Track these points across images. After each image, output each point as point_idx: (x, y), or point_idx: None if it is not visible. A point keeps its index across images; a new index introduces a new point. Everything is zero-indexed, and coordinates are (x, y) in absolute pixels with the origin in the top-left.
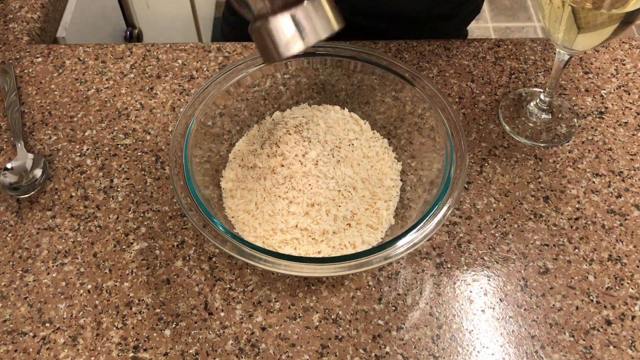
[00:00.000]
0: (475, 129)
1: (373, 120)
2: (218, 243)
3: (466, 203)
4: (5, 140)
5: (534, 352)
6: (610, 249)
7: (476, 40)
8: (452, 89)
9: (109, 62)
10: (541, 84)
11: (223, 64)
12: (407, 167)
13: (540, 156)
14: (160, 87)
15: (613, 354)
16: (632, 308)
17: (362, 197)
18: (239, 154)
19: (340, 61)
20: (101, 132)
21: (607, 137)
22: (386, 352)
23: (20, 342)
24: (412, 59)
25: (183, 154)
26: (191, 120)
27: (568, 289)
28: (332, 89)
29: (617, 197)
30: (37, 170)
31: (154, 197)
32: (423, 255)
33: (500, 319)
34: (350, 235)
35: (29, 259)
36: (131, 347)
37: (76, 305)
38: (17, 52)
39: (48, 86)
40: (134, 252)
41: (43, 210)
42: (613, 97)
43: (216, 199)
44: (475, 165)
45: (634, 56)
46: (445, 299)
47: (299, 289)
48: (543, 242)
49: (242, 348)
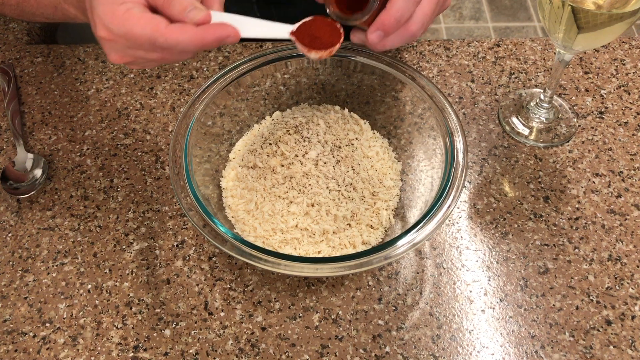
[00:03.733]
0: (475, 129)
1: (373, 120)
2: (218, 243)
3: (466, 203)
4: (5, 140)
5: (534, 352)
6: (610, 249)
7: (476, 40)
8: (452, 89)
9: (109, 62)
10: (541, 84)
11: (223, 64)
12: (407, 167)
13: (540, 156)
14: (160, 87)
15: (613, 354)
16: (632, 308)
17: (362, 197)
18: (239, 154)
19: (340, 61)
20: (101, 132)
21: (607, 137)
22: (386, 352)
23: (20, 342)
24: (412, 59)
25: (183, 154)
26: (191, 120)
27: (568, 289)
28: (332, 89)
29: (617, 197)
30: (37, 170)
31: (154, 197)
32: (423, 255)
33: (500, 319)
34: (350, 235)
35: (29, 259)
36: (131, 347)
37: (76, 305)
38: (17, 52)
39: (48, 86)
40: (134, 252)
41: (43, 210)
42: (613, 97)
43: (216, 199)
44: (475, 165)
45: (634, 56)
46: (445, 299)
47: (299, 289)
48: (543, 242)
49: (242, 348)
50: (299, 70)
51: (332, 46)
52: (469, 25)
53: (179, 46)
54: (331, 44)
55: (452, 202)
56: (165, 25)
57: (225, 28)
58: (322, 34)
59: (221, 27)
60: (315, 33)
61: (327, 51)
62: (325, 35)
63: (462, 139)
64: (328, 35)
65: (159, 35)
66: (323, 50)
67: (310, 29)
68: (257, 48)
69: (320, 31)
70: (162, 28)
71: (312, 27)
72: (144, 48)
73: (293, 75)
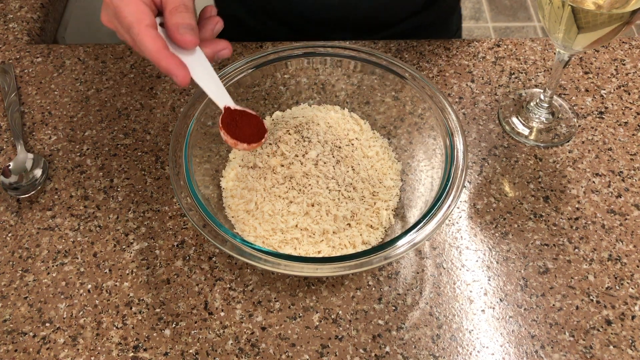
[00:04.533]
0: (475, 129)
1: (373, 120)
2: (218, 243)
3: (466, 203)
4: (5, 140)
5: (534, 352)
6: (610, 249)
7: (476, 40)
8: (452, 89)
9: (109, 62)
10: (541, 84)
11: (223, 64)
12: (407, 167)
13: (540, 156)
14: (160, 87)
15: (613, 354)
16: (632, 308)
17: (362, 197)
18: (239, 154)
19: (340, 61)
20: (101, 132)
21: (607, 137)
22: (386, 352)
23: (20, 342)
24: (412, 59)
25: (183, 154)
26: (191, 120)
27: (568, 289)
28: (332, 89)
29: (617, 197)
30: (37, 170)
31: (154, 197)
32: (423, 255)
33: (500, 318)
34: (350, 235)
35: (29, 259)
36: (131, 347)
37: (76, 305)
38: (17, 52)
39: (48, 86)
40: (134, 252)
41: (43, 210)
42: (613, 97)
43: (216, 199)
44: (475, 165)
45: (634, 56)
46: (445, 299)
47: (299, 288)
48: (543, 242)
49: (242, 348)
50: (299, 70)
51: (254, 142)
52: (468, 25)
53: (142, 47)
54: (254, 140)
55: (452, 202)
56: (146, 25)
57: (180, 67)
58: (249, 128)
59: (177, 65)
60: (243, 123)
61: (249, 145)
62: (251, 129)
63: (462, 139)
64: (254, 130)
65: (135, 28)
66: (245, 143)
67: (241, 118)
68: (257, 48)
69: (247, 124)
70: (142, 25)
71: (242, 117)
72: (123, 27)
73: (293, 75)
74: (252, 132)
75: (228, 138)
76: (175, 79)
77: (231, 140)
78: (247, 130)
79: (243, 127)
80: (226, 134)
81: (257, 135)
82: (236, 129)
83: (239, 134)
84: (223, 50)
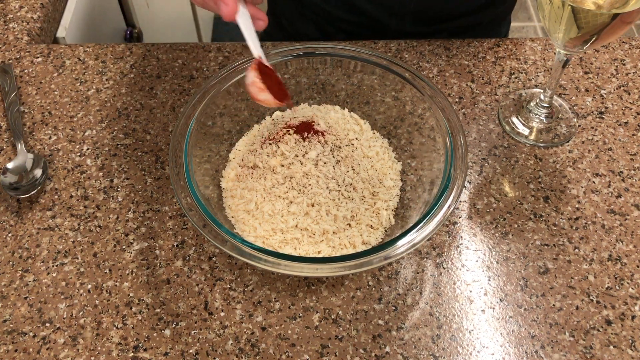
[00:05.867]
0: (475, 129)
1: (373, 120)
2: (218, 243)
3: (466, 203)
4: (5, 140)
5: (534, 352)
6: (610, 249)
7: (476, 40)
8: (452, 89)
9: (109, 62)
10: (541, 84)
11: (223, 64)
12: (407, 167)
13: (540, 156)
14: (160, 87)
15: (613, 354)
16: (632, 308)
17: (362, 197)
18: (239, 154)
19: (340, 61)
20: (101, 132)
21: (607, 137)
22: (386, 352)
23: (20, 342)
24: (412, 59)
25: (183, 154)
26: (191, 120)
27: (568, 289)
28: (332, 89)
29: (617, 197)
30: (37, 170)
31: (154, 197)
32: (423, 255)
33: (500, 319)
34: (350, 235)
35: (29, 259)
36: (131, 347)
37: (76, 305)
38: (17, 52)
39: (48, 86)
40: (134, 252)
41: (43, 210)
42: (613, 97)
43: (216, 199)
44: (475, 165)
45: (634, 56)
46: (445, 299)
47: (299, 289)
48: (543, 242)
49: (242, 348)
50: (299, 70)
51: (281, 100)
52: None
53: None
54: (279, 98)
55: (452, 202)
56: None
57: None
58: (276, 85)
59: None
60: (272, 79)
61: (273, 100)
62: (278, 88)
63: (462, 139)
64: (281, 89)
65: None
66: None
67: (270, 74)
68: None
69: (275, 82)
70: None
71: (271, 74)
72: None
73: (293, 75)
74: (279, 90)
75: (258, 82)
76: (223, 8)
77: (261, 84)
78: (274, 88)
79: (272, 84)
80: (258, 76)
81: (281, 94)
82: (265, 81)
83: (268, 85)
84: (259, 20)
